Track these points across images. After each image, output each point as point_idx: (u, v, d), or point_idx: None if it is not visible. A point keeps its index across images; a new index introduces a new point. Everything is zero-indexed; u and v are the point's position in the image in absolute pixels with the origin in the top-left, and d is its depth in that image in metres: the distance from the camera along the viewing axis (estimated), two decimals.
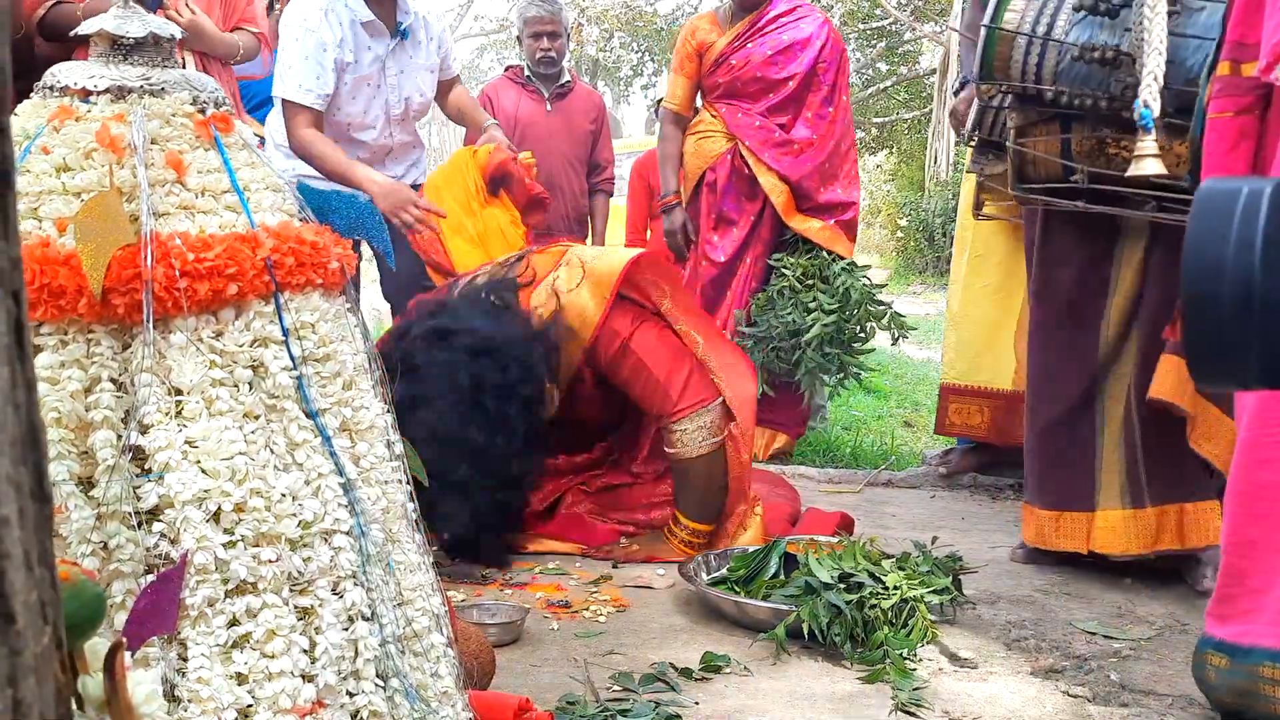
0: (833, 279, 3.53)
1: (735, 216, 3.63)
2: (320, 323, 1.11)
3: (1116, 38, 2.05)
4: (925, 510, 3.10)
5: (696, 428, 2.47)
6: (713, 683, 1.81)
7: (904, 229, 13.65)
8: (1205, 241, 0.86)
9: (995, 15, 2.17)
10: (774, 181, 3.57)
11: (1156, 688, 1.84)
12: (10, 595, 0.38)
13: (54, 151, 1.05)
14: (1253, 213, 0.83)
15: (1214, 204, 0.86)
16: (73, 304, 0.98)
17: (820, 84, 3.62)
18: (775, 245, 3.66)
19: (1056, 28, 2.13)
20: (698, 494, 2.53)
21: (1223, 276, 0.84)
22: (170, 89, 1.10)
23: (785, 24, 3.60)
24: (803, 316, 3.47)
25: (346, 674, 1.04)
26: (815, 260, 3.57)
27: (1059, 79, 2.13)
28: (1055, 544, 2.42)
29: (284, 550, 1.01)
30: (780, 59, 3.58)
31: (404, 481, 1.20)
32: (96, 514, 0.97)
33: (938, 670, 1.89)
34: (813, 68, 3.59)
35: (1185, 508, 2.31)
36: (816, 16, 3.70)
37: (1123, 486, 2.34)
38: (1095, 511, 2.36)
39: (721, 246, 3.63)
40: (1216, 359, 0.87)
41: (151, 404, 0.99)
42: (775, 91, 3.58)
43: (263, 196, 1.11)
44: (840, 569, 2.05)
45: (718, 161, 3.63)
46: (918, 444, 4.16)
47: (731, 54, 3.61)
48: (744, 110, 3.60)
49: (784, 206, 3.58)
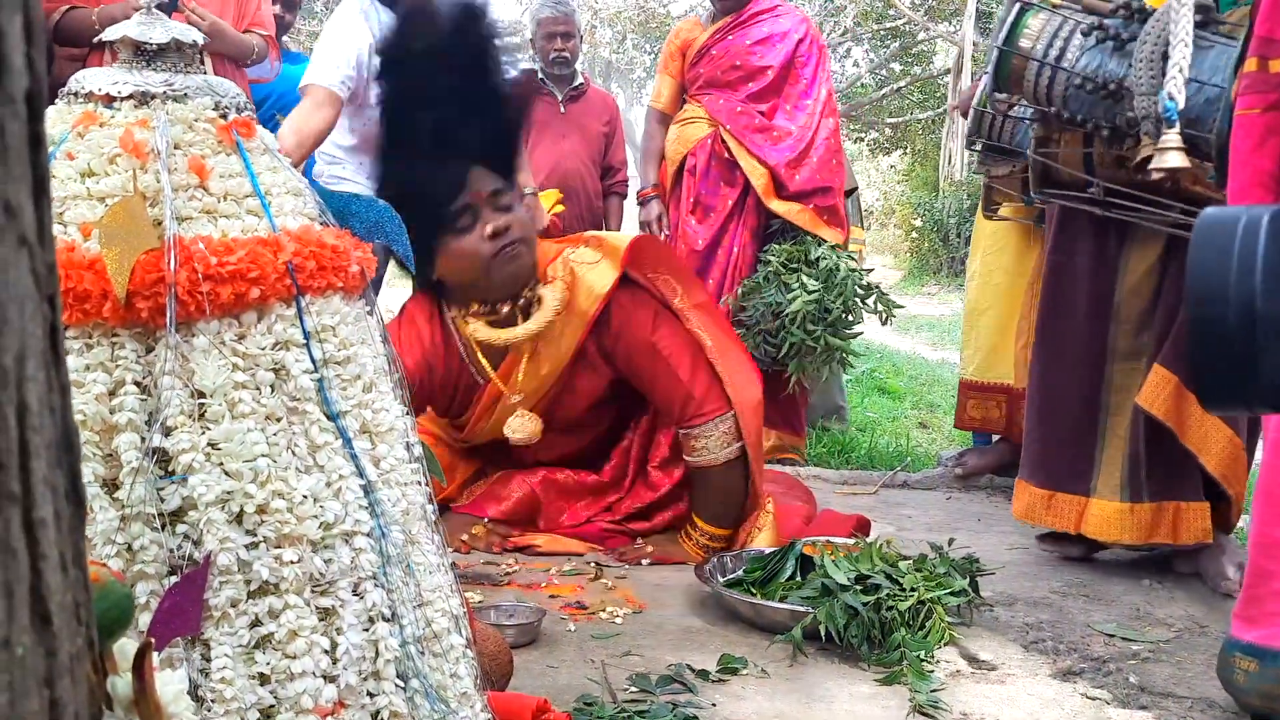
0: (816, 261, 3.54)
1: (713, 202, 3.67)
2: (341, 325, 1.11)
3: (1124, 68, 2.06)
4: (942, 511, 3.10)
5: (720, 434, 2.46)
6: (730, 684, 1.81)
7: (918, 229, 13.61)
8: (1207, 269, 0.87)
9: (1011, 34, 2.19)
10: (754, 164, 3.61)
11: (1176, 690, 1.83)
12: (47, 596, 0.39)
13: (79, 157, 1.06)
14: (1252, 239, 0.85)
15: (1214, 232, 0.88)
16: (98, 308, 0.99)
17: (798, 76, 3.69)
18: (763, 236, 3.67)
19: (1069, 51, 2.15)
20: (717, 500, 2.52)
21: (1226, 303, 0.85)
22: (193, 94, 1.11)
23: (764, 18, 3.70)
24: (785, 295, 3.48)
25: (367, 675, 1.05)
26: (800, 246, 3.59)
27: (1067, 103, 2.16)
28: (1044, 522, 2.47)
29: (306, 551, 1.02)
30: (759, 48, 3.67)
31: (423, 483, 1.21)
32: (121, 516, 0.98)
33: (955, 672, 1.88)
34: (790, 60, 3.67)
35: (1181, 506, 2.34)
36: (796, 14, 3.81)
37: (1123, 480, 2.36)
38: (1090, 498, 2.39)
39: (699, 232, 3.67)
40: (1223, 383, 0.88)
41: (175, 406, 0.99)
42: (755, 80, 3.66)
43: (284, 200, 1.12)
44: (857, 571, 2.04)
45: (698, 146, 3.68)
46: (933, 445, 4.15)
47: (713, 45, 3.71)
48: (725, 98, 3.68)
49: (764, 189, 3.61)
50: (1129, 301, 2.36)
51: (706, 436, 2.46)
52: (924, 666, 1.85)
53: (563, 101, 4.06)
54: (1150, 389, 2.27)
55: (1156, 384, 2.26)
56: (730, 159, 3.64)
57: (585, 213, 4.05)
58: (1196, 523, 2.32)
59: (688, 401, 2.46)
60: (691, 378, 2.46)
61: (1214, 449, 2.25)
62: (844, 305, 3.54)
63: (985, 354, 3.28)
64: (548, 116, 4.03)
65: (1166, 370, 2.26)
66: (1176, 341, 2.27)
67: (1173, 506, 2.34)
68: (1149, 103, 1.96)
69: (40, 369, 0.40)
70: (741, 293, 3.60)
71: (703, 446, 2.46)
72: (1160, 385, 2.26)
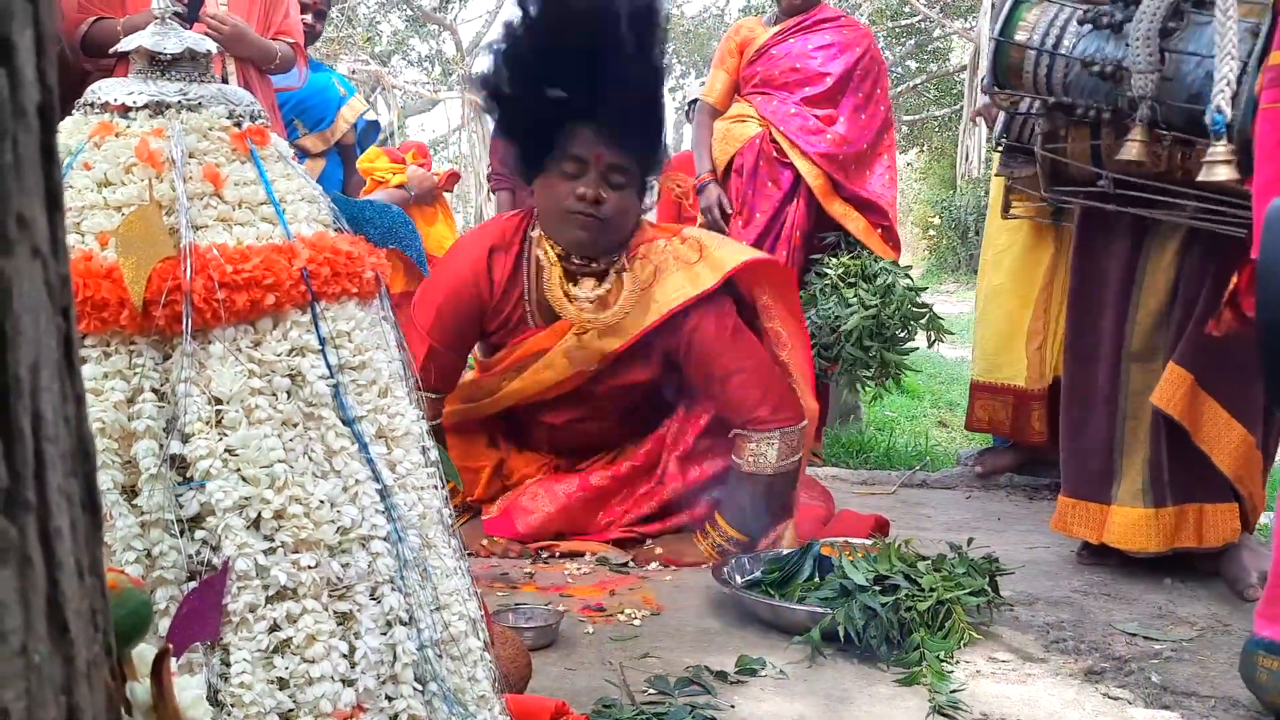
0: (874, 277, 3.52)
1: (758, 202, 3.63)
2: (356, 331, 1.12)
3: (1121, 51, 2.05)
4: (961, 511, 3.08)
5: (783, 445, 2.43)
6: (748, 686, 1.81)
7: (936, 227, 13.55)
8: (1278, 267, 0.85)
9: (1006, 27, 2.19)
10: (808, 165, 3.57)
11: (1199, 689, 1.81)
12: (64, 604, 0.39)
13: (95, 167, 1.07)
14: None
15: None
16: (115, 316, 1.00)
17: (856, 89, 3.64)
18: (812, 244, 3.65)
19: (1066, 38, 2.14)
20: (751, 507, 2.49)
21: None
22: (207, 103, 1.12)
23: (828, 26, 3.67)
24: (843, 309, 3.47)
25: (385, 678, 1.06)
26: (857, 259, 3.57)
27: (1069, 90, 2.15)
28: (1073, 531, 2.44)
29: (323, 556, 1.03)
30: (820, 54, 3.63)
31: (439, 487, 1.21)
32: (140, 522, 0.99)
33: (975, 673, 1.87)
34: (850, 71, 3.62)
35: (1205, 508, 2.30)
36: (859, 28, 3.80)
37: (1145, 485, 2.32)
38: (1110, 505, 2.36)
39: (744, 236, 3.63)
40: None
41: (192, 413, 1.00)
42: (812, 85, 3.61)
43: (298, 207, 1.12)
44: (876, 571, 2.04)
45: (746, 146, 3.65)
46: (952, 444, 4.13)
47: (773, 45, 3.67)
48: (779, 99, 3.63)
49: (821, 190, 3.58)
50: (1147, 300, 2.34)
51: (769, 444, 2.43)
52: (944, 667, 1.84)
53: None
54: (1165, 387, 2.24)
55: (1172, 382, 2.23)
56: (779, 158, 3.60)
57: None
58: (1223, 525, 2.28)
59: (761, 404, 2.43)
60: (769, 382, 2.44)
61: (1227, 448, 2.22)
62: (900, 322, 3.52)
63: (993, 354, 3.26)
64: None
65: (1182, 368, 2.23)
66: (1192, 338, 2.24)
67: (1195, 509, 2.30)
68: (1145, 81, 1.95)
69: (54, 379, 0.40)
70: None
71: (761, 453, 2.43)
72: (1176, 384, 2.22)
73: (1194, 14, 2.01)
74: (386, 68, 13.17)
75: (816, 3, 3.69)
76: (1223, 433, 2.22)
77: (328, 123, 3.99)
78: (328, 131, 3.99)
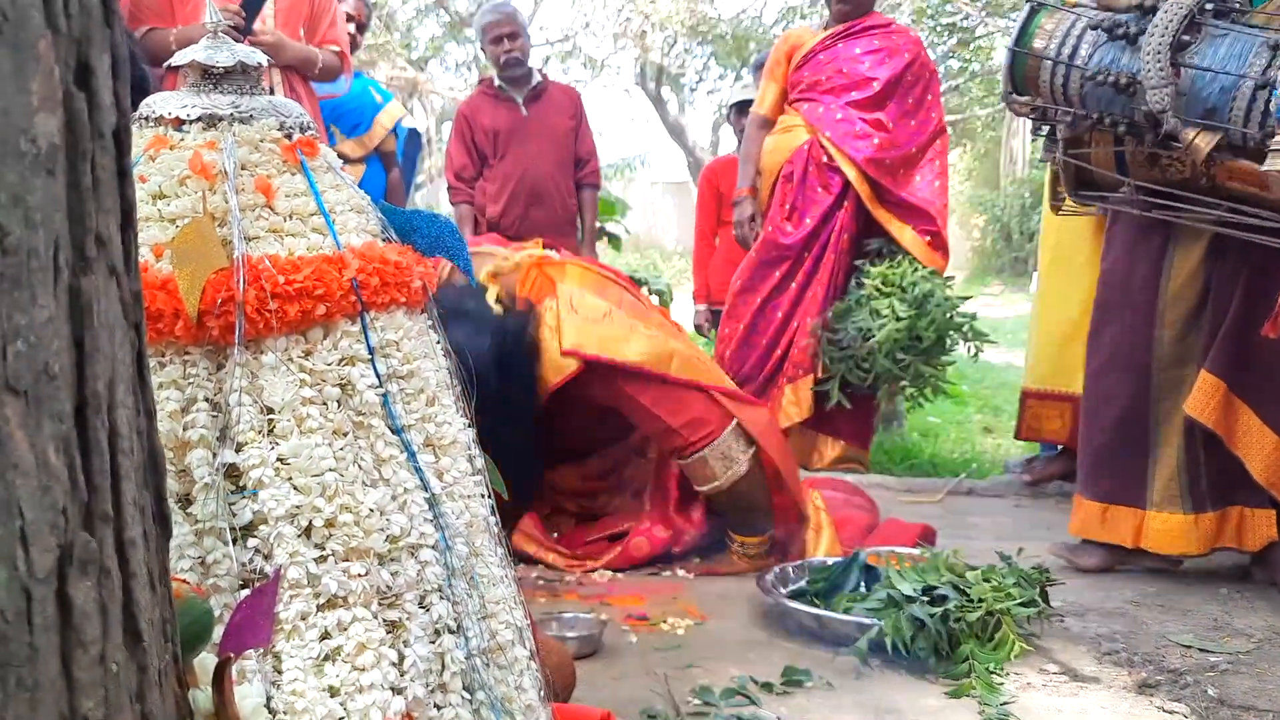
0: (911, 286, 3.47)
1: (806, 206, 3.60)
2: (404, 340, 1.13)
3: (1136, 64, 2.03)
4: (1009, 520, 3.04)
5: (716, 458, 2.43)
6: (794, 697, 1.79)
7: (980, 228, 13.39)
8: None
9: (1022, 36, 2.17)
10: (855, 171, 3.54)
11: (1257, 703, 1.77)
12: (138, 614, 0.40)
13: (150, 180, 1.08)
14: None
15: None
16: (170, 327, 1.02)
17: (905, 95, 3.60)
18: (856, 253, 3.62)
19: (1082, 48, 2.12)
20: (740, 513, 2.53)
21: None
22: (258, 115, 1.14)
23: (877, 32, 3.64)
24: (874, 321, 3.43)
25: (434, 687, 1.06)
26: (895, 268, 3.52)
27: (1085, 101, 2.14)
28: (1099, 536, 2.42)
29: (373, 564, 1.03)
30: (868, 58, 3.60)
31: (485, 495, 1.22)
32: (194, 531, 1.00)
33: (1026, 685, 1.84)
34: (898, 77, 3.58)
35: (1245, 511, 2.31)
36: (909, 35, 3.76)
37: (1183, 491, 2.32)
38: (1147, 510, 2.35)
39: (792, 234, 3.60)
40: None
41: (245, 423, 1.01)
42: (859, 89, 3.58)
43: (348, 218, 1.13)
44: (924, 581, 2.01)
45: (795, 154, 3.62)
46: (999, 452, 4.08)
47: (821, 50, 3.66)
48: (825, 104, 3.60)
49: (868, 196, 3.55)
50: (1174, 305, 2.32)
51: (704, 464, 2.42)
52: (994, 679, 1.81)
53: (524, 103, 4.03)
54: (1199, 396, 2.24)
55: (1205, 391, 2.23)
56: (828, 163, 3.58)
57: (561, 211, 4.03)
58: (1263, 528, 2.29)
59: (673, 437, 2.43)
60: (671, 415, 2.42)
61: (1260, 455, 2.23)
62: (936, 333, 3.46)
63: (1051, 361, 3.18)
64: (510, 123, 4.00)
65: (1215, 376, 2.23)
66: (1224, 346, 2.22)
67: (1236, 512, 2.31)
68: (1160, 96, 1.92)
69: (129, 394, 0.41)
70: (833, 315, 3.54)
71: (702, 474, 2.44)
72: (1209, 393, 2.22)
73: (1210, 27, 1.97)
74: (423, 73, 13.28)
75: (867, 10, 3.67)
76: (1256, 440, 2.23)
77: (364, 128, 4.04)
78: (365, 137, 4.03)
